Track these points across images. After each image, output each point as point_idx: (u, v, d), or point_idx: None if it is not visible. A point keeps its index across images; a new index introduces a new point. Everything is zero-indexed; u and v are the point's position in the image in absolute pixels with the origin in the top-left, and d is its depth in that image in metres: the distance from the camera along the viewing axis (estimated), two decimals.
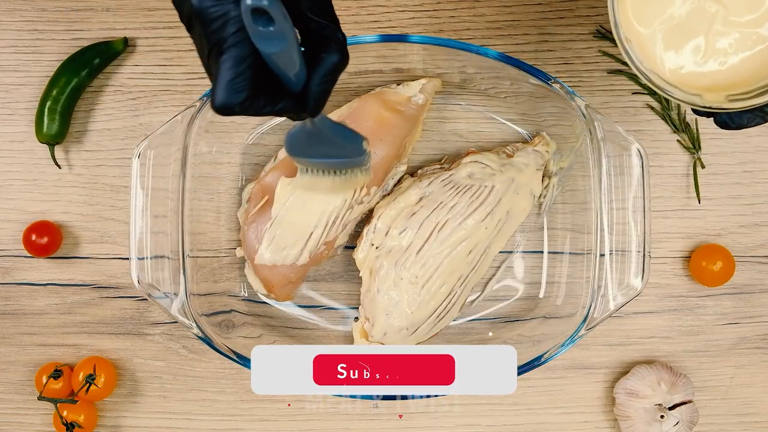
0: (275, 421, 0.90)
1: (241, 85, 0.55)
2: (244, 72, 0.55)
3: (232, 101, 0.56)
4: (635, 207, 0.81)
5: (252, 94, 0.56)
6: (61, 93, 0.88)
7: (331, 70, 0.59)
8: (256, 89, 0.56)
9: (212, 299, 0.86)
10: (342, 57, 0.59)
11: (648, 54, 0.69)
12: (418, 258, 0.83)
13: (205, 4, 0.55)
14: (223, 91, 0.55)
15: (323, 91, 0.59)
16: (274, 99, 0.58)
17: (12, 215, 0.90)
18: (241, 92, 0.56)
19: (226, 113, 0.56)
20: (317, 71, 0.58)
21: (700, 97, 0.68)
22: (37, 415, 0.91)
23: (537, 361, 0.80)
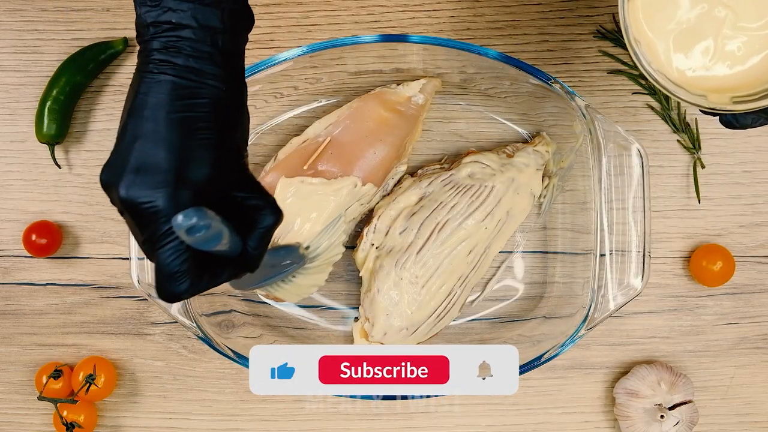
0: (275, 421, 0.90)
1: (183, 277, 0.58)
2: (183, 265, 0.58)
3: (178, 291, 0.58)
4: (635, 207, 0.81)
5: (194, 280, 0.58)
6: (61, 93, 0.88)
7: (266, 232, 0.62)
8: (197, 274, 0.59)
9: (212, 299, 0.86)
10: (275, 218, 0.62)
11: (656, 56, 0.69)
12: (418, 258, 0.83)
13: (134, 196, 0.57)
14: (168, 284, 0.58)
15: (261, 252, 0.62)
16: (216, 275, 0.60)
17: (12, 215, 0.90)
18: (183, 282, 0.58)
19: (173, 302, 0.59)
20: (253, 236, 0.61)
21: (705, 98, 0.69)
22: (37, 415, 0.91)
23: (537, 361, 0.80)
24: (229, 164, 0.61)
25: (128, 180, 0.57)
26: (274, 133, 0.89)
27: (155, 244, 0.57)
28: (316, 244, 0.81)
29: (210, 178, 0.59)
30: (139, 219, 0.57)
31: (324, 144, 0.84)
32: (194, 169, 0.58)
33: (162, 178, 0.57)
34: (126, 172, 0.57)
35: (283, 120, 0.89)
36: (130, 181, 0.57)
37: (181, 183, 0.57)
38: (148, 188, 0.57)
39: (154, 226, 0.57)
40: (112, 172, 0.58)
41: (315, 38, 0.90)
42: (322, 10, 0.90)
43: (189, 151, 0.58)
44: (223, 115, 0.60)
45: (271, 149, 0.89)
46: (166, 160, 0.57)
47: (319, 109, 0.89)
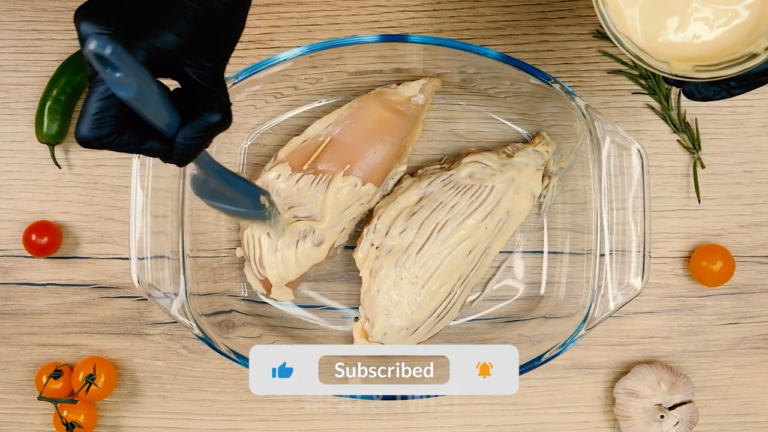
0: (275, 421, 0.90)
1: (105, 121, 0.55)
2: (109, 109, 0.55)
3: (92, 135, 0.55)
4: (635, 207, 0.81)
5: (115, 130, 0.55)
6: (61, 93, 0.88)
7: (206, 127, 0.58)
8: (123, 126, 0.55)
9: (212, 299, 0.86)
10: (222, 118, 0.58)
11: (622, 20, 0.70)
12: (418, 258, 0.83)
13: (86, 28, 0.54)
14: (86, 124, 0.55)
15: (191, 145, 0.58)
16: (140, 138, 0.57)
17: (12, 215, 0.90)
18: (103, 127, 0.55)
19: (86, 145, 0.55)
20: (190, 125, 0.57)
21: (668, 64, 0.69)
22: (37, 415, 0.91)
23: (537, 361, 0.80)
24: (198, 48, 0.57)
25: (90, 10, 0.54)
26: (274, 133, 0.89)
27: (91, 82, 0.55)
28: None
29: (172, 48, 0.56)
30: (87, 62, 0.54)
31: (324, 144, 0.84)
32: (161, 31, 0.55)
33: (123, 20, 0.54)
34: (97, 10, 0.54)
35: (283, 120, 0.89)
36: (90, 12, 0.54)
37: (138, 34, 0.55)
38: (102, 23, 0.54)
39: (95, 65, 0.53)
40: (86, 8, 0.54)
41: (315, 38, 0.90)
42: (322, 10, 0.90)
43: (166, 12, 0.55)
44: (215, 4, 0.57)
45: (271, 149, 0.89)
46: (138, 5, 0.55)
47: (319, 109, 0.89)
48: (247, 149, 0.89)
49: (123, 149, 0.56)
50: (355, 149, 0.84)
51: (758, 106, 0.90)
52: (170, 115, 0.56)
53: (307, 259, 0.84)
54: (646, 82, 0.89)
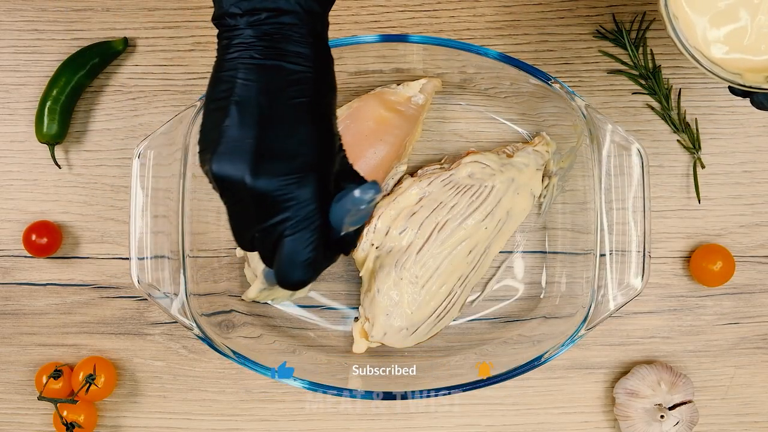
0: (275, 421, 0.90)
1: (313, 264, 0.59)
2: (315, 251, 0.59)
3: (306, 278, 0.60)
4: (635, 207, 0.81)
5: (319, 266, 0.60)
6: (61, 93, 0.88)
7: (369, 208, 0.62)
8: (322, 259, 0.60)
9: (212, 299, 0.86)
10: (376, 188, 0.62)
11: (693, 33, 0.71)
12: (418, 258, 0.83)
13: (267, 185, 0.56)
14: (297, 271, 0.59)
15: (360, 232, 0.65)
16: (329, 260, 0.62)
17: (12, 215, 0.90)
18: (312, 270, 0.59)
19: (297, 289, 0.60)
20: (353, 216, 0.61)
21: (740, 76, 0.71)
22: (37, 415, 0.91)
23: (537, 361, 0.80)
24: (333, 149, 0.61)
25: (258, 169, 0.56)
26: None
27: (287, 230, 0.57)
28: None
29: (328, 163, 0.59)
30: (270, 206, 0.57)
31: None
32: (317, 155, 0.58)
33: (296, 164, 0.56)
34: (253, 160, 0.56)
35: None
36: (260, 170, 0.56)
37: (309, 168, 0.57)
38: (283, 175, 0.56)
39: (289, 212, 0.57)
40: (232, 161, 0.56)
41: None
42: None
43: (309, 136, 0.57)
44: (324, 99, 0.60)
45: None
46: (296, 145, 0.57)
47: None
48: None
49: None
50: (355, 149, 0.84)
51: None
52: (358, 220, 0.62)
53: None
54: (646, 82, 0.89)
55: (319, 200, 0.58)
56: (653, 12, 0.90)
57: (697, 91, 0.90)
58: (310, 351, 0.88)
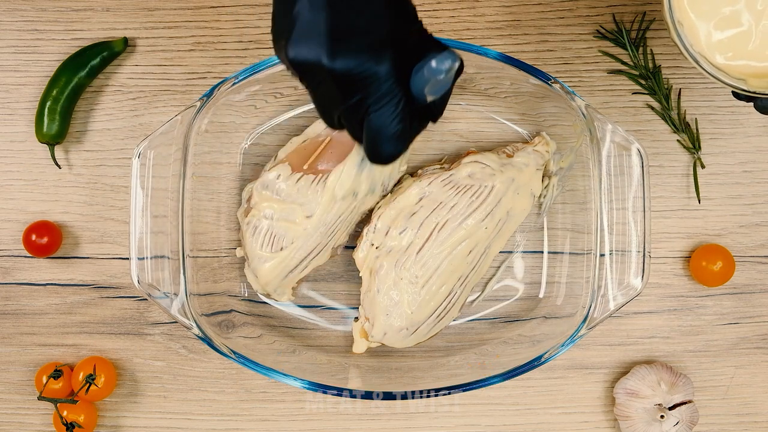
0: (275, 421, 0.90)
1: (404, 135, 0.60)
2: (404, 122, 0.59)
3: (399, 151, 0.61)
4: (635, 207, 0.81)
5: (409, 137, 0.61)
6: (61, 93, 0.88)
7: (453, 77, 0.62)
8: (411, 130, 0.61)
9: (212, 299, 0.86)
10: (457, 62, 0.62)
11: (697, 39, 0.72)
12: (418, 258, 0.83)
13: (347, 64, 0.57)
14: (389, 145, 0.60)
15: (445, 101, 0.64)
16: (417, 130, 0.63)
17: (12, 215, 0.90)
18: (404, 141, 0.60)
19: (389, 162, 0.61)
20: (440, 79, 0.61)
21: (744, 81, 0.72)
22: (37, 415, 0.91)
23: (537, 361, 0.80)
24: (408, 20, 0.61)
25: (334, 49, 0.56)
26: (274, 133, 0.89)
27: (371, 107, 0.58)
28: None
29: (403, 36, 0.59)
30: (350, 85, 0.57)
31: (324, 143, 0.84)
32: (391, 30, 0.58)
33: (371, 40, 0.57)
34: (329, 42, 0.56)
35: (283, 120, 0.89)
36: (336, 51, 0.56)
37: (384, 43, 0.57)
38: (360, 52, 0.56)
39: (370, 88, 0.57)
40: (307, 44, 0.57)
41: None
42: None
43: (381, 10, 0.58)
44: None
45: (271, 149, 0.89)
46: (369, 21, 0.57)
47: None
48: (247, 149, 0.89)
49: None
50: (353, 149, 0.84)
51: None
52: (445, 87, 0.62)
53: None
54: (646, 82, 0.89)
55: (398, 74, 0.58)
56: (653, 12, 0.90)
57: (697, 91, 0.90)
58: (310, 351, 0.89)
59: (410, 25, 0.61)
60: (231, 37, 0.90)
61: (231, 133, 0.88)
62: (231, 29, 0.90)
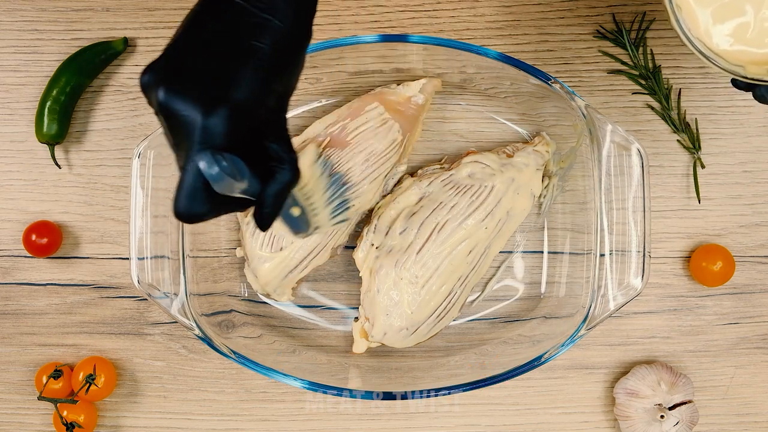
0: (275, 421, 0.90)
1: (203, 200, 0.57)
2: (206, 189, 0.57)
3: (194, 212, 0.57)
4: (635, 207, 0.81)
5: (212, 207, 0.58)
6: (61, 93, 0.88)
7: (282, 188, 0.60)
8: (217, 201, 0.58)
9: (212, 299, 0.86)
10: (293, 176, 0.60)
11: (696, 24, 0.71)
12: (418, 258, 0.83)
13: (172, 102, 0.56)
14: (185, 201, 0.57)
15: (274, 207, 0.60)
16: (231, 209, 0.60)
17: (12, 215, 0.90)
18: (202, 205, 0.57)
19: (184, 221, 0.58)
20: (269, 190, 0.59)
21: (743, 68, 0.71)
22: (37, 415, 0.91)
23: (537, 361, 0.80)
24: (269, 101, 0.59)
25: (170, 83, 0.56)
26: None
27: (185, 157, 0.57)
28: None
29: (249, 105, 0.57)
30: (174, 125, 0.57)
31: (324, 144, 0.84)
32: (238, 90, 0.57)
33: (206, 87, 0.56)
34: (170, 75, 0.56)
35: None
36: (171, 84, 0.56)
37: (222, 99, 0.56)
38: (188, 95, 0.56)
39: (188, 137, 0.56)
40: (156, 74, 0.56)
41: (315, 38, 0.89)
42: (323, 10, 0.90)
43: (238, 72, 0.57)
44: (280, 55, 0.59)
45: None
46: (214, 71, 0.56)
47: (319, 109, 0.89)
48: None
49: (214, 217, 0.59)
50: None
51: (758, 106, 0.90)
52: (254, 184, 0.58)
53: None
54: (646, 82, 0.89)
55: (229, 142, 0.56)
56: (653, 12, 0.90)
57: (697, 91, 0.90)
58: (310, 351, 0.89)
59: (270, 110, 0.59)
60: None
61: None
62: None
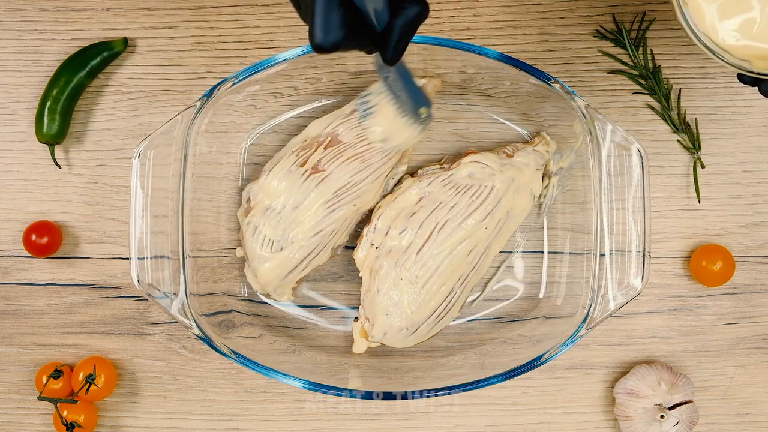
0: (275, 421, 0.90)
1: (338, 27, 0.59)
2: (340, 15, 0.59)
3: (332, 40, 0.59)
4: (635, 207, 0.81)
5: (345, 35, 0.60)
6: (61, 93, 0.88)
7: (411, 21, 0.62)
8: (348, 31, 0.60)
9: (212, 299, 0.86)
10: (422, 9, 0.62)
11: (702, 19, 0.71)
12: (418, 258, 0.83)
13: None
14: (322, 32, 0.59)
15: (401, 41, 0.63)
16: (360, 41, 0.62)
17: (12, 215, 0.90)
18: (337, 32, 0.59)
19: (322, 52, 0.60)
20: (397, 21, 0.62)
21: (749, 62, 0.71)
22: (37, 415, 0.91)
23: (537, 361, 0.80)
24: None
25: None
26: (274, 133, 0.89)
27: None
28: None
29: None
30: None
31: (324, 144, 0.84)
32: None
33: None
34: None
35: (283, 120, 0.89)
36: None
37: None
38: None
39: None
40: None
41: None
42: None
43: None
44: None
45: (271, 149, 0.89)
46: None
47: (319, 109, 0.89)
48: (247, 149, 0.89)
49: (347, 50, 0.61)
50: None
51: (758, 106, 0.90)
52: (384, 7, 0.61)
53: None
54: (646, 82, 0.89)
55: None
56: (653, 12, 0.90)
57: (697, 91, 0.90)
58: (310, 351, 0.89)
59: None
60: (231, 37, 0.90)
61: (231, 133, 0.88)
62: (231, 29, 0.90)
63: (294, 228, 0.83)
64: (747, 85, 0.74)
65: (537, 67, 0.81)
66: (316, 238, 0.84)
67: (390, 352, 0.88)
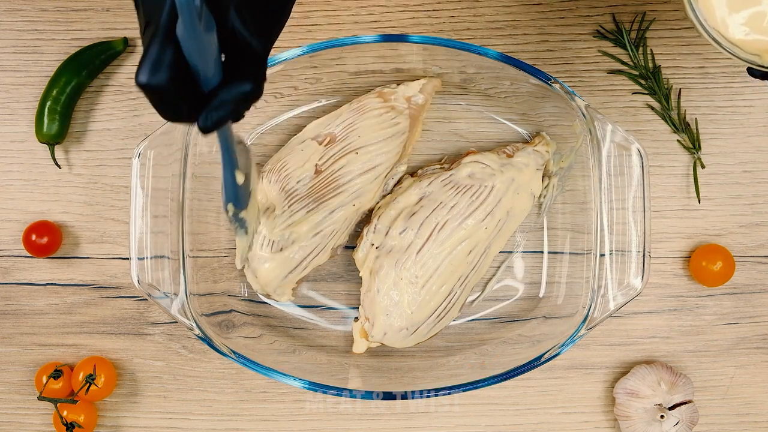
0: (275, 421, 0.90)
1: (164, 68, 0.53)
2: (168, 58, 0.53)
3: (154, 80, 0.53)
4: (635, 207, 0.81)
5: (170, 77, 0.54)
6: (61, 93, 0.88)
7: (236, 97, 0.56)
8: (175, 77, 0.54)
9: (212, 299, 0.86)
10: (253, 89, 0.57)
11: (712, 14, 0.71)
12: (418, 258, 0.83)
13: None
14: (147, 68, 0.53)
15: (219, 112, 0.56)
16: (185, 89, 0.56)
17: (12, 215, 0.90)
18: (161, 73, 0.53)
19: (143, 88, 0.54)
20: (223, 91, 0.56)
21: (759, 57, 0.71)
22: (37, 415, 0.91)
23: (537, 361, 0.80)
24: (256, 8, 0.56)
25: None
26: (274, 133, 0.89)
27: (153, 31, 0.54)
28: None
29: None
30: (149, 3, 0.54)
31: (325, 142, 0.84)
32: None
33: None
34: None
35: (283, 120, 0.89)
36: None
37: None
38: None
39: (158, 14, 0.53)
40: None
41: (315, 38, 0.90)
42: (322, 10, 0.90)
43: None
44: None
45: (271, 149, 0.89)
46: None
47: (319, 109, 0.89)
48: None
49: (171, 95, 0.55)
50: None
51: (758, 106, 0.90)
52: (216, 69, 0.55)
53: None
54: (646, 82, 0.89)
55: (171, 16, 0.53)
56: (653, 12, 0.90)
57: (697, 91, 0.90)
58: (310, 351, 0.89)
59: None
60: None
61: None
62: None
63: (294, 228, 0.83)
64: (757, 79, 0.74)
65: (537, 67, 0.81)
66: (316, 238, 0.84)
67: (390, 352, 0.88)
